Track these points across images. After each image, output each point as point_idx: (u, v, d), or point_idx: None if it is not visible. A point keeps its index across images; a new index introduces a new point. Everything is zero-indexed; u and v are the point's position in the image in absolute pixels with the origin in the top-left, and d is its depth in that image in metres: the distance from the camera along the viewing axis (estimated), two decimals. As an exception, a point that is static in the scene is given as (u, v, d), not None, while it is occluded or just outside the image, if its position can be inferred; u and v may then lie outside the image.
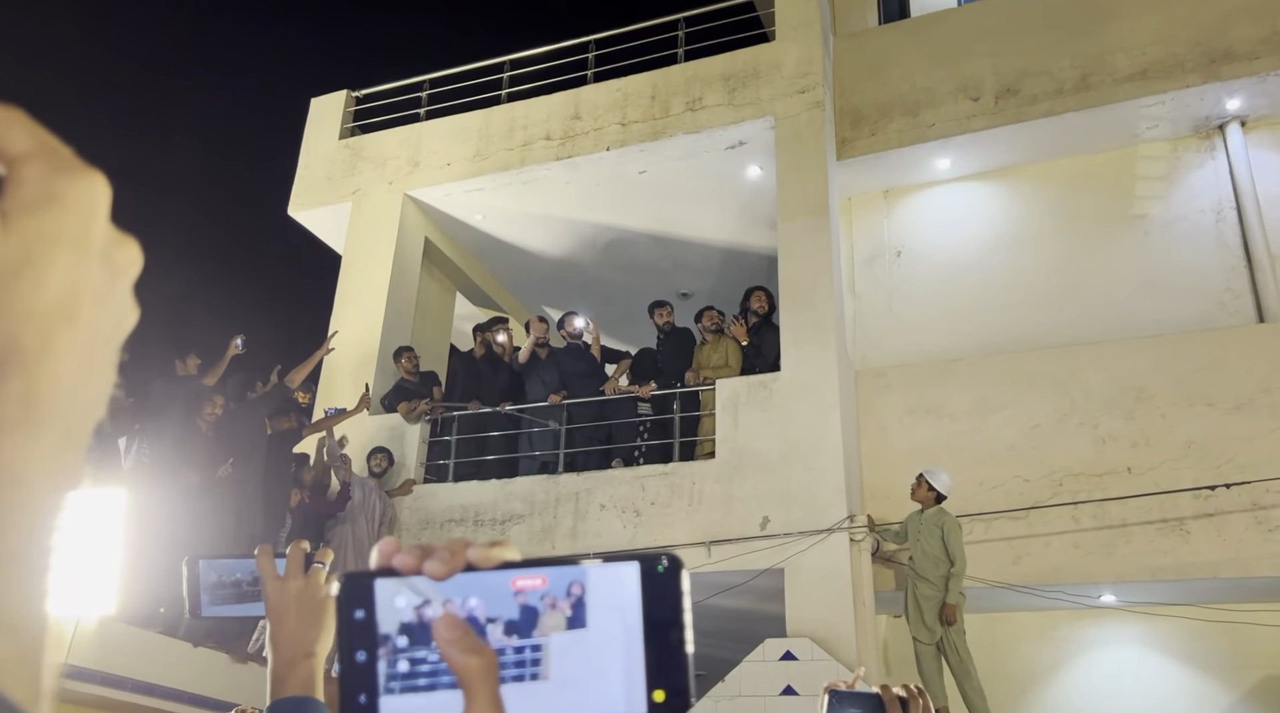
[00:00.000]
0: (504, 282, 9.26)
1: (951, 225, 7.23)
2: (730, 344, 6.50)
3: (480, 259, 8.87)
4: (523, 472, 6.55)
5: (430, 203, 7.97)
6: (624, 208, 7.95)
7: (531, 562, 0.45)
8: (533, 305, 9.62)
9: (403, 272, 7.72)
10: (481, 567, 0.44)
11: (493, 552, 0.46)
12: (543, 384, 6.88)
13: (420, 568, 0.44)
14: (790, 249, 6.38)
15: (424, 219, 8.09)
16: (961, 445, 6.13)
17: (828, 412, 5.80)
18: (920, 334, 6.91)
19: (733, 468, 5.85)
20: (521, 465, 6.64)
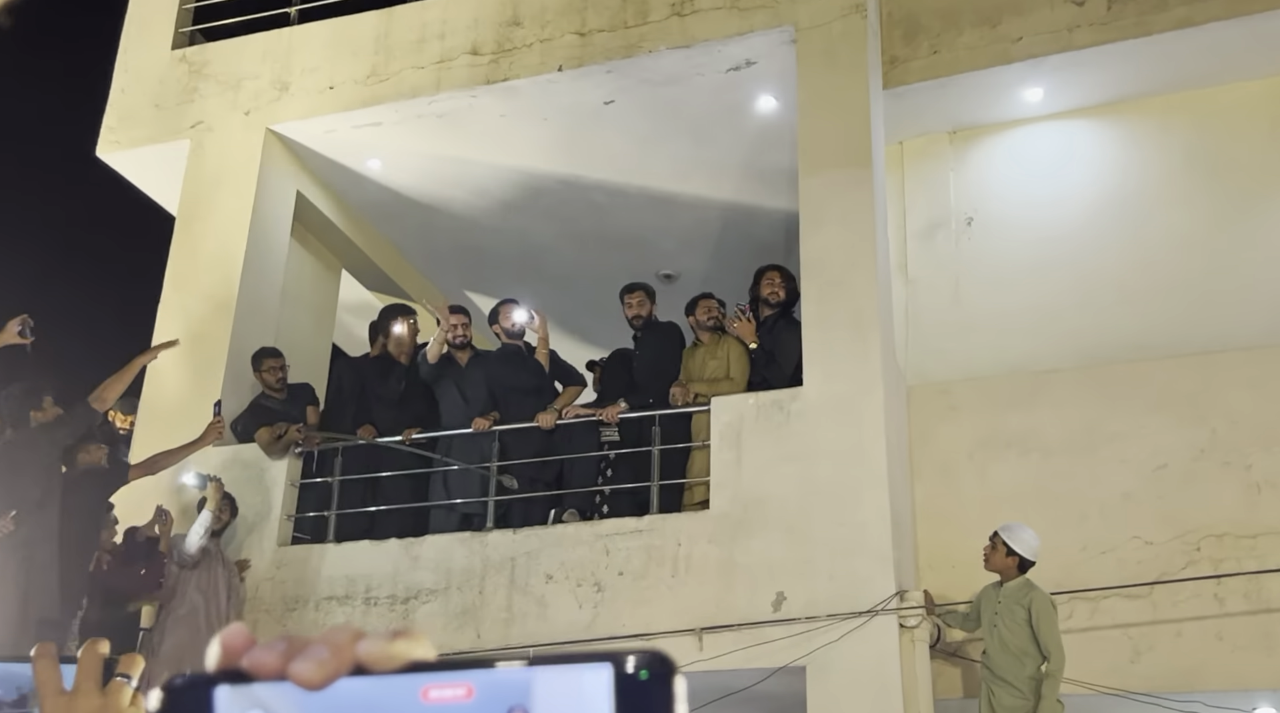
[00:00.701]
0: (411, 257, 9.23)
1: (1045, 182, 7.26)
2: (733, 347, 6.49)
3: (377, 224, 8.82)
4: (435, 528, 6.56)
5: (304, 142, 7.92)
6: (583, 153, 7.93)
7: (451, 663, 0.43)
8: (453, 291, 9.58)
9: (264, 241, 7.66)
10: (377, 670, 0.42)
11: (394, 647, 0.43)
12: (464, 402, 6.83)
13: (285, 671, 0.41)
14: (817, 215, 6.38)
15: (295, 166, 8.03)
16: (1057, 493, 6.14)
17: (869, 445, 5.80)
18: (999, 335, 6.91)
19: (734, 523, 5.85)
20: (434, 519, 6.68)
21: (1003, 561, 5.42)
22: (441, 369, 6.92)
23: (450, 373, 6.93)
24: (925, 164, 7.51)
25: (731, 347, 6.50)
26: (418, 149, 7.93)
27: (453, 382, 6.91)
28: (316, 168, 8.16)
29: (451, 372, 6.94)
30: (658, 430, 6.31)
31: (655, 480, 6.19)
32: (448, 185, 8.33)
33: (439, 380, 6.93)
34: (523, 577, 6.11)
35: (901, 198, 7.47)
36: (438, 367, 6.89)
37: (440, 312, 7.00)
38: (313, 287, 8.55)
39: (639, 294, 6.93)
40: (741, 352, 6.46)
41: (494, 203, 8.53)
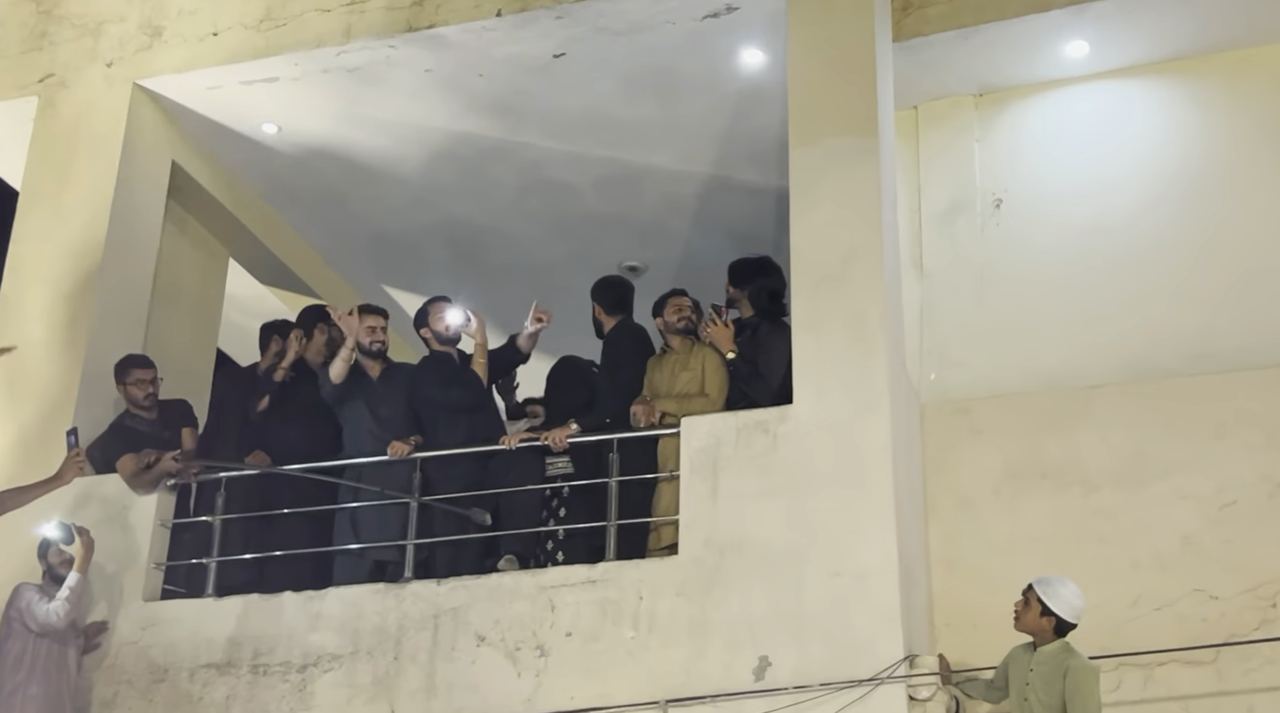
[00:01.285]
0: (316, 244, 9.19)
1: (1090, 155, 7.28)
2: (709, 357, 6.50)
3: (274, 203, 8.78)
4: (340, 578, 6.54)
5: (182, 101, 7.87)
6: (527, 118, 7.91)
7: None
8: (367, 286, 9.56)
9: (131, 223, 7.61)
10: None
11: None
12: (375, 423, 6.81)
13: None
14: (811, 195, 6.38)
15: (170, 130, 7.99)
16: (1102, 535, 6.15)
17: (873, 475, 5.80)
18: (1033, 343, 6.93)
19: (709, 572, 5.84)
20: (338, 567, 6.65)
21: (1037, 620, 5.41)
22: (349, 386, 6.90)
23: (360, 389, 6.92)
24: (945, 133, 7.52)
25: (707, 356, 6.49)
26: (323, 111, 7.90)
27: (362, 400, 6.89)
28: (197, 133, 8.10)
29: (362, 387, 6.93)
30: (616, 458, 6.31)
31: (612, 520, 6.18)
32: (361, 156, 8.30)
33: (344, 401, 6.92)
34: (448, 638, 6.08)
35: (916, 174, 7.47)
36: (343, 385, 6.88)
37: (343, 320, 6.96)
38: (192, 280, 8.50)
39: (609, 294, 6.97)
40: (718, 363, 6.46)
41: (419, 179, 8.51)
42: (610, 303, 6.96)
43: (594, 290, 7.03)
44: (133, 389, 7.00)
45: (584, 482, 6.48)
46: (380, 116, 7.94)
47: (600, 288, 7.03)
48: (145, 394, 7.01)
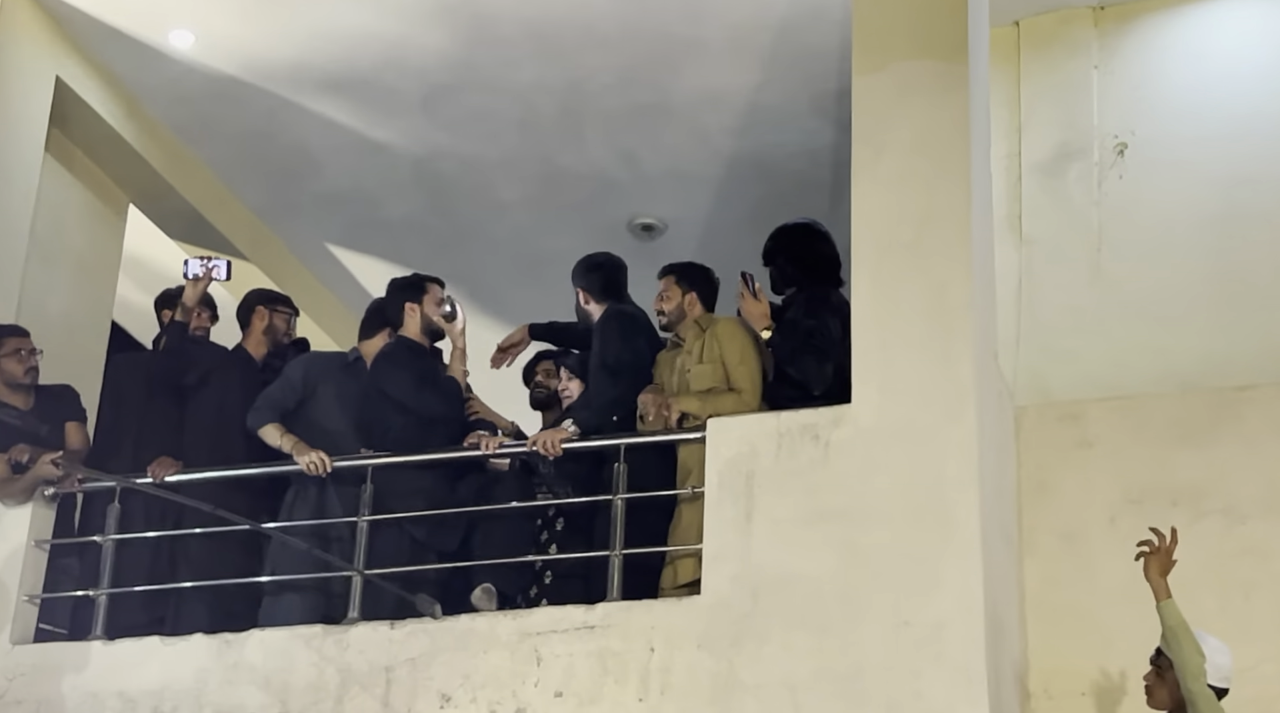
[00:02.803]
0: (239, 188, 9.25)
1: (1242, 89, 7.32)
2: (732, 340, 6.53)
3: (186, 135, 8.83)
4: (267, 619, 6.57)
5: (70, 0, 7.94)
6: (515, 32, 7.94)
7: None
8: (306, 242, 9.61)
9: (1, 157, 7.67)
10: None
11: None
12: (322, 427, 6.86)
13: None
14: (878, 136, 6.40)
15: (53, 38, 8.01)
16: (1250, 580, 6.19)
17: (953, 498, 5.81)
18: (1163, 330, 6.98)
19: (739, 619, 5.86)
20: (266, 606, 6.68)
21: (1175, 696, 5.40)
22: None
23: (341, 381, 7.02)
24: (1055, 57, 7.55)
25: (729, 340, 6.52)
26: (251, 15, 7.92)
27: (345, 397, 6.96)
28: (89, 43, 8.14)
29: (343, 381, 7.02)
30: (623, 469, 6.34)
31: (617, 550, 6.21)
32: (300, 76, 8.34)
33: None
34: (404, 698, 6.10)
35: (1015, 111, 7.51)
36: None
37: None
38: (81, 232, 8.54)
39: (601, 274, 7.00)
40: (748, 346, 6.49)
41: (376, 110, 8.55)
42: (598, 287, 6.99)
43: (577, 273, 7.06)
44: (8, 363, 7.02)
45: (578, 500, 6.51)
46: (322, 25, 7.95)
47: (584, 271, 7.05)
48: (24, 368, 7.03)
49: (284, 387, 6.91)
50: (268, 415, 6.80)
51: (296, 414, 6.86)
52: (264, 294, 7.60)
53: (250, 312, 7.39)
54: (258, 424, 6.79)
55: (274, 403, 6.85)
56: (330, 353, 7.26)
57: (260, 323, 7.35)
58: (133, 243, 9.00)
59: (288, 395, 6.88)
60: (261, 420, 6.79)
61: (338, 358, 7.22)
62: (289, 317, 7.44)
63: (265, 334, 7.33)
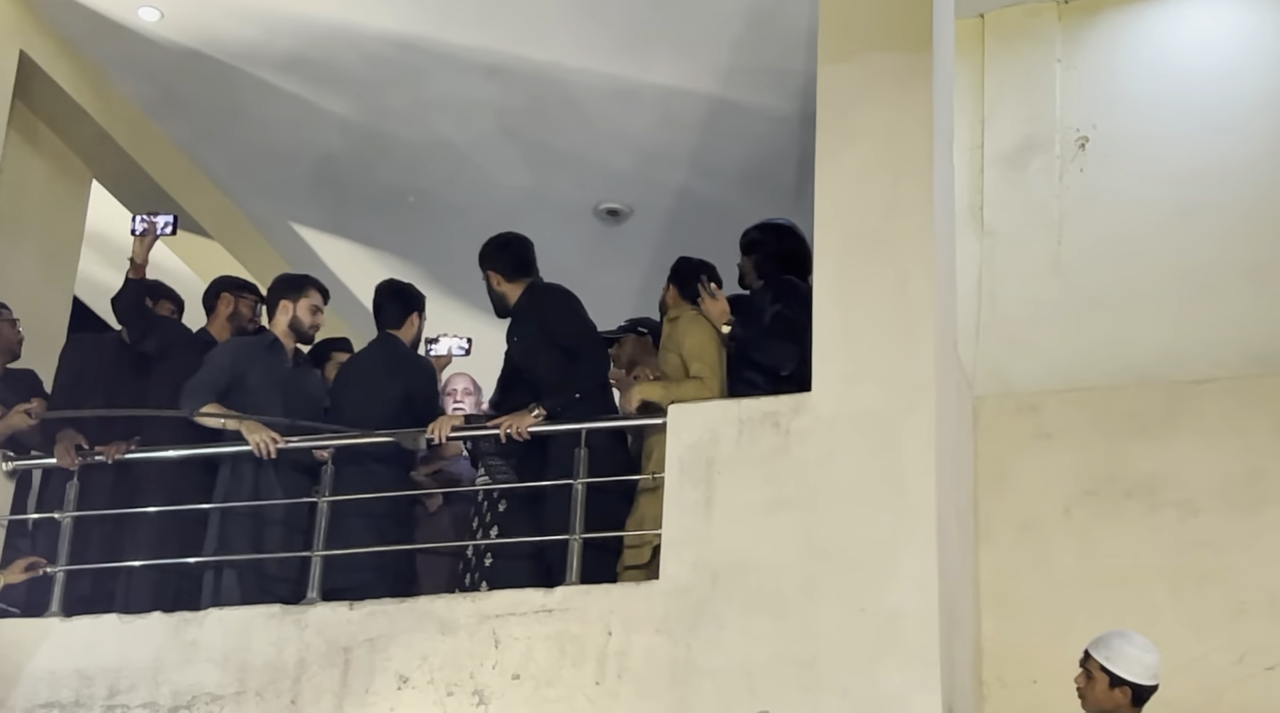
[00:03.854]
0: (208, 167, 9.22)
1: (1204, 84, 7.33)
2: (690, 329, 6.55)
3: (153, 113, 8.80)
4: (227, 598, 6.58)
5: (35, -25, 7.90)
6: (483, 14, 7.93)
7: None
8: (272, 221, 9.57)
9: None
10: None
11: None
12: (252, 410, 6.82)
13: None
14: (843, 125, 6.39)
15: (19, 9, 7.95)
16: (1203, 571, 6.21)
17: (911, 487, 5.81)
18: (1122, 322, 6.99)
19: (697, 603, 5.85)
20: (225, 584, 6.69)
21: (1108, 695, 5.32)
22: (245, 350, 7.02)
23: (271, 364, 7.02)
24: (1019, 50, 7.56)
25: (687, 333, 6.51)
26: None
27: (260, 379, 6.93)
28: (55, 16, 8.08)
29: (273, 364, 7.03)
30: (584, 454, 6.33)
31: (576, 533, 6.21)
32: (267, 53, 8.30)
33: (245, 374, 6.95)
34: (362, 678, 6.08)
35: (979, 103, 7.51)
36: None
37: None
38: (44, 206, 8.49)
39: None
40: (709, 336, 6.50)
41: (342, 91, 8.53)
42: (512, 266, 6.88)
43: (487, 256, 6.94)
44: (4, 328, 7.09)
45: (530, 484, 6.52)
46: (296, 3, 7.93)
47: (496, 251, 6.94)
48: (17, 340, 7.10)
49: (213, 371, 6.84)
50: (205, 396, 6.74)
51: (225, 399, 6.81)
52: (230, 281, 7.56)
53: (215, 297, 7.36)
54: (195, 406, 6.72)
55: (207, 386, 6.77)
56: (250, 337, 7.19)
57: (225, 309, 7.30)
58: (96, 218, 8.95)
59: (218, 379, 6.81)
60: (199, 402, 6.73)
61: (258, 341, 7.16)
62: (254, 303, 7.40)
63: (230, 320, 7.28)
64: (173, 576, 6.70)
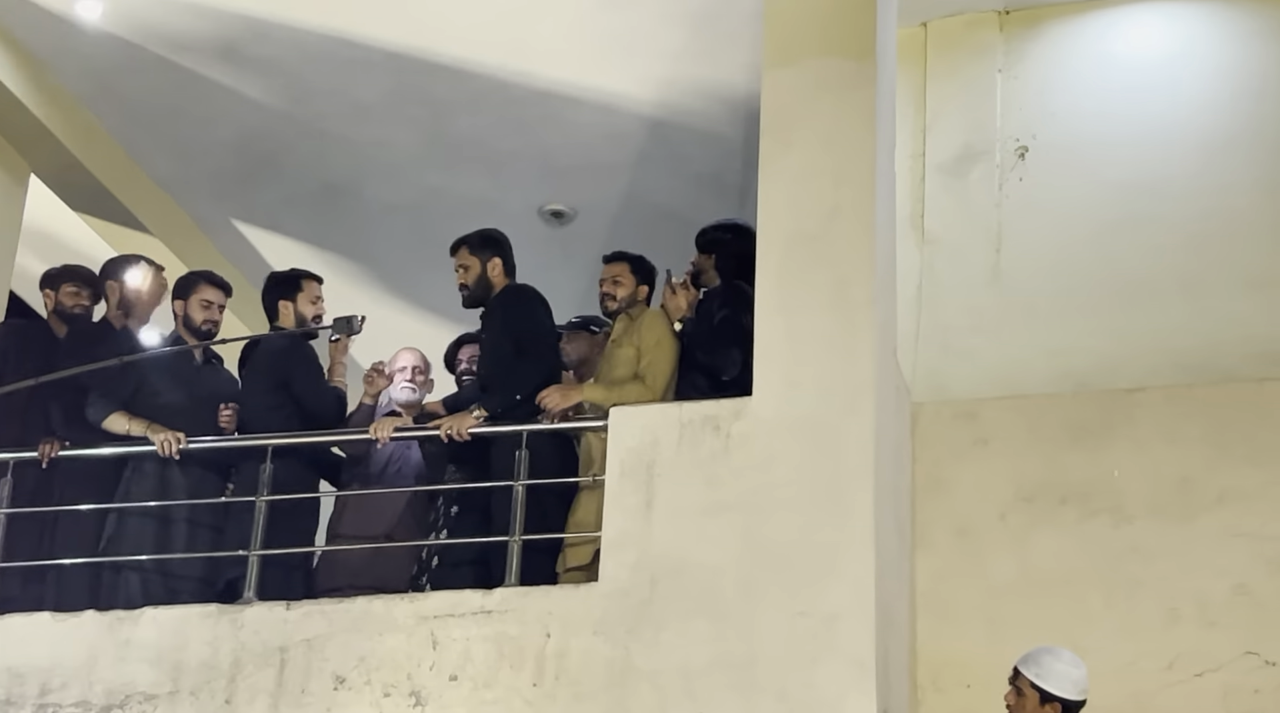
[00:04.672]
0: (148, 162, 9.17)
1: (1143, 96, 7.39)
2: (647, 330, 6.55)
3: (93, 107, 8.75)
4: (162, 597, 6.56)
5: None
6: (426, 16, 7.93)
7: None
8: (214, 220, 9.52)
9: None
10: None
11: None
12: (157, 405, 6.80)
13: None
14: (785, 131, 6.40)
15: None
16: (1135, 579, 6.26)
17: (849, 492, 5.82)
18: (1059, 331, 7.03)
19: (636, 606, 5.85)
20: (128, 585, 6.66)
21: (1038, 710, 5.37)
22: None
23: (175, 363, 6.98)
24: (960, 59, 7.61)
25: (648, 329, 6.50)
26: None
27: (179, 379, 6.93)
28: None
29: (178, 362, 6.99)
30: (524, 456, 6.30)
31: (516, 535, 6.18)
32: (210, 49, 8.26)
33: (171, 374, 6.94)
34: (298, 678, 6.06)
35: (921, 110, 7.55)
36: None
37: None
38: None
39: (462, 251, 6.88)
40: (664, 337, 6.48)
41: (284, 88, 8.50)
42: (507, 260, 6.89)
43: (488, 242, 6.91)
44: None
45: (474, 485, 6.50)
46: (238, 3, 7.90)
47: (496, 241, 6.92)
48: None
49: (120, 374, 6.77)
50: (111, 405, 6.72)
51: (132, 401, 6.80)
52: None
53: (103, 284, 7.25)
54: (100, 416, 6.69)
55: (112, 392, 6.75)
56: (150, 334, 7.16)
57: (113, 297, 7.17)
58: (34, 214, 8.87)
59: (126, 381, 6.78)
60: (104, 412, 6.71)
61: (162, 341, 7.14)
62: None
63: (118, 307, 7.16)
64: (98, 574, 6.66)
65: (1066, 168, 7.41)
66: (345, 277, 9.86)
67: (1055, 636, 5.85)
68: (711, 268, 6.71)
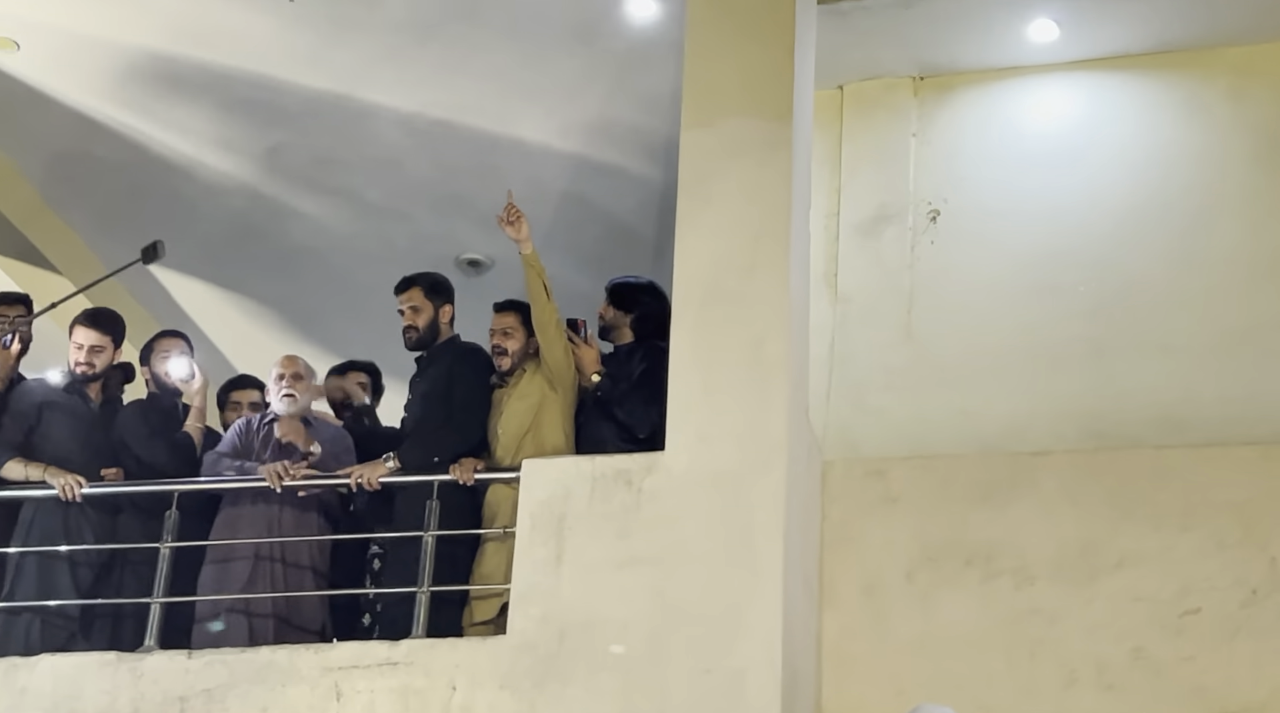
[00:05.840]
0: (57, 205, 9.11)
1: (1053, 163, 7.45)
2: (548, 383, 6.55)
3: (7, 150, 8.67)
4: (50, 645, 6.49)
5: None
6: (340, 61, 7.92)
7: None
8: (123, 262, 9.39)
9: None
10: None
11: None
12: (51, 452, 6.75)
13: None
14: (702, 189, 6.43)
15: None
16: (1035, 640, 6.25)
17: (760, 548, 5.82)
18: (968, 392, 7.06)
19: (544, 659, 5.83)
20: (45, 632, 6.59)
21: None
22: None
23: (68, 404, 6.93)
24: (875, 122, 7.65)
25: (547, 383, 6.50)
26: (72, 30, 7.81)
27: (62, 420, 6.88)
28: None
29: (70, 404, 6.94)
30: (435, 506, 6.30)
31: (424, 586, 6.16)
32: (126, 96, 8.22)
33: None
34: (199, 730, 5.99)
35: (836, 171, 7.58)
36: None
37: None
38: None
39: (415, 292, 6.88)
40: (562, 396, 6.49)
41: (200, 125, 8.44)
42: (450, 310, 6.90)
43: (444, 288, 6.92)
44: None
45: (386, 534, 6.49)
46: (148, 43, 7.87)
47: (448, 290, 6.93)
48: None
49: (13, 419, 6.79)
50: (3, 454, 6.69)
51: (26, 442, 6.77)
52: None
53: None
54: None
55: (6, 441, 6.73)
56: (47, 379, 7.10)
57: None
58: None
59: (18, 426, 6.77)
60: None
61: (58, 384, 7.07)
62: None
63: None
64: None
65: (977, 232, 7.45)
66: (259, 321, 9.80)
67: (957, 695, 5.89)
68: (626, 326, 6.70)
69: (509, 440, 6.46)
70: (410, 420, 6.72)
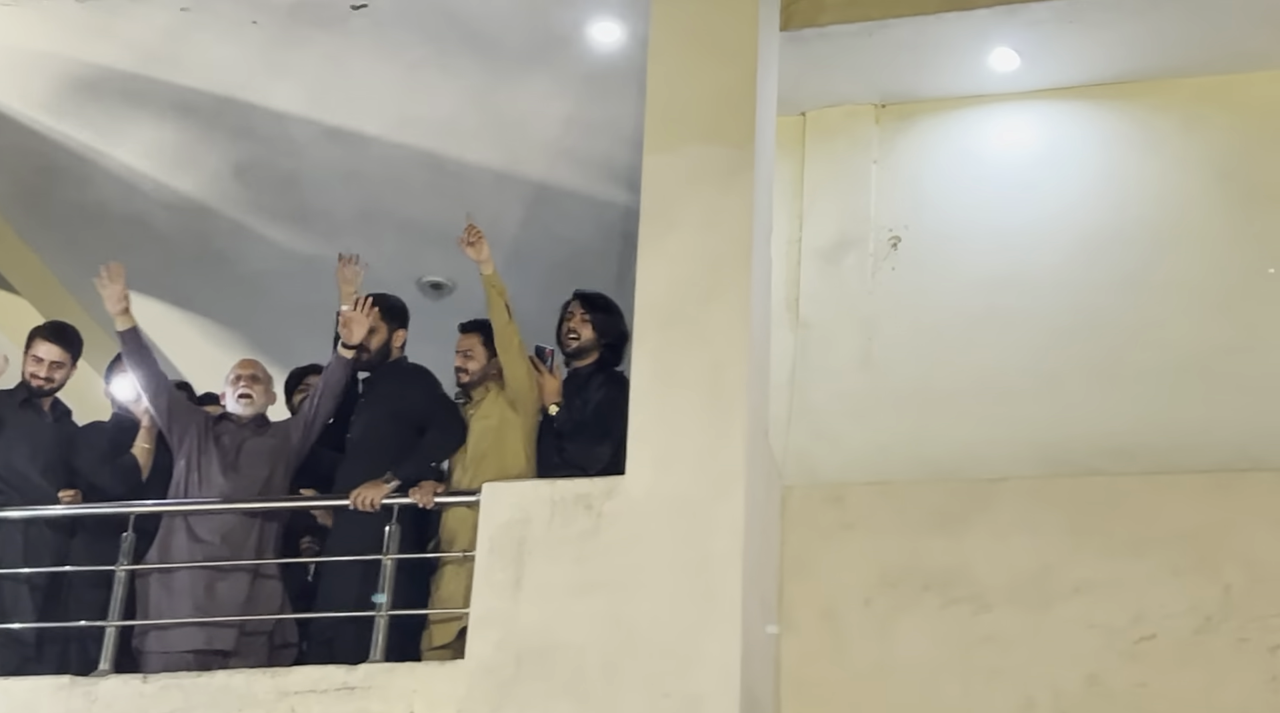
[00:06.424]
0: (13, 220, 9.12)
1: (1012, 192, 7.49)
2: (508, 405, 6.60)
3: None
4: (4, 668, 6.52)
5: None
6: (312, 86, 7.95)
7: None
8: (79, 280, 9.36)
9: None
10: None
11: None
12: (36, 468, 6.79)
13: None
14: (664, 214, 6.44)
15: None
16: (991, 667, 6.26)
17: (718, 572, 5.82)
18: (927, 419, 7.08)
19: (501, 684, 5.81)
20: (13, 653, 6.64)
21: None
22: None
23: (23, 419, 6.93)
24: (837, 149, 7.67)
25: (507, 405, 6.55)
26: (31, 48, 7.80)
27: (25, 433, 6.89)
28: None
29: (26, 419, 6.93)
30: (396, 529, 6.32)
31: (383, 612, 6.18)
32: (86, 113, 8.21)
33: None
34: (151, 753, 5.96)
35: (798, 197, 7.60)
36: None
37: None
38: None
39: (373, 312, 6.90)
40: (523, 417, 6.55)
41: (158, 143, 8.45)
42: (405, 333, 6.95)
43: (397, 314, 6.99)
44: None
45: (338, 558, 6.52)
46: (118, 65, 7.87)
47: (404, 314, 7.00)
48: None
49: None
50: None
51: None
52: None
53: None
54: None
55: None
56: (5, 391, 7.07)
57: None
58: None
59: None
60: None
61: (11, 396, 7.06)
62: None
63: None
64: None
65: (936, 259, 7.47)
66: (218, 342, 9.77)
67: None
68: (595, 347, 6.70)
69: (469, 462, 6.47)
70: (372, 439, 6.69)
